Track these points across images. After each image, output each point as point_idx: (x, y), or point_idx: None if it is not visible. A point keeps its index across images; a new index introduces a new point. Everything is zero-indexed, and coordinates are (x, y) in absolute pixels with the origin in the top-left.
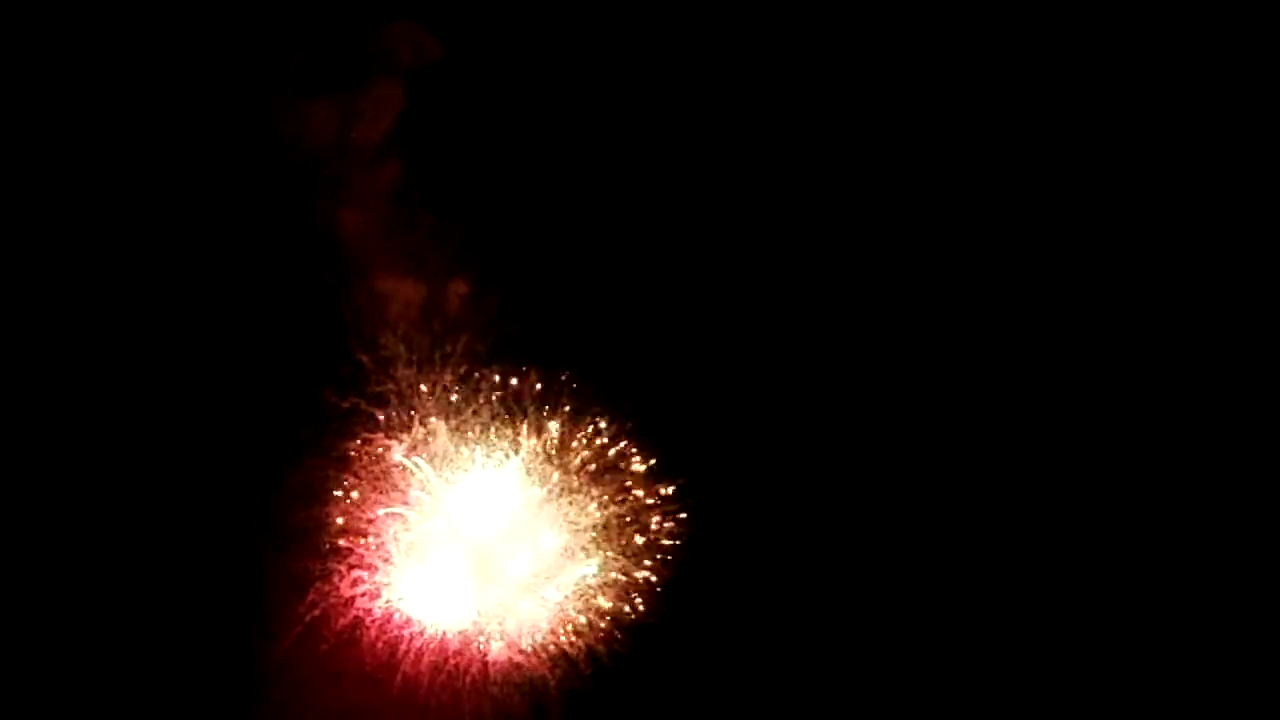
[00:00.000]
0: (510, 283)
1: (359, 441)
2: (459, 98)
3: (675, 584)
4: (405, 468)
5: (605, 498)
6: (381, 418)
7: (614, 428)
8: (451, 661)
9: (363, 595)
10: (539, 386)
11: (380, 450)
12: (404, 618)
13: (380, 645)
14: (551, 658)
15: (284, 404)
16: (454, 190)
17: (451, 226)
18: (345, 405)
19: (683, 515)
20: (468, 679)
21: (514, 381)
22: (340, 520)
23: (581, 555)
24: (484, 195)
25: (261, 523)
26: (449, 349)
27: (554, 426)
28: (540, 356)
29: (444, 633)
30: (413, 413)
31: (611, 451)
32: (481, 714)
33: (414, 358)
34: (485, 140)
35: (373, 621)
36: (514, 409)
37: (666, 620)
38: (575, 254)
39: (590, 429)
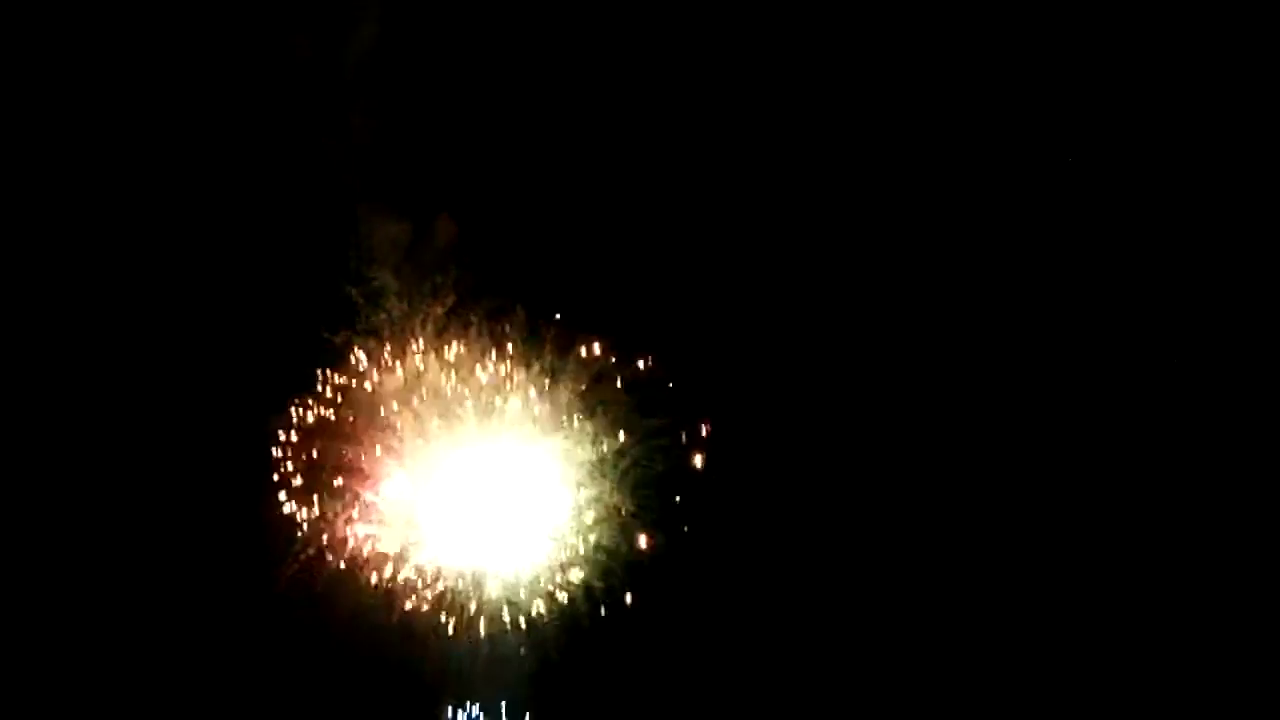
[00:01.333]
0: (499, 216)
1: (351, 377)
2: (446, 30)
3: (671, 520)
4: (398, 403)
5: (598, 431)
6: (373, 352)
7: (603, 360)
8: (448, 599)
9: (359, 535)
10: (526, 320)
11: (373, 385)
12: (400, 556)
13: (377, 584)
14: (548, 594)
15: (274, 341)
16: (441, 123)
17: (440, 159)
18: (337, 340)
19: (676, 449)
20: (465, 617)
21: (503, 315)
22: (334, 458)
23: (578, 490)
24: (472, 128)
25: (254, 462)
26: (439, 280)
27: (544, 360)
28: (529, 290)
29: (440, 570)
30: (404, 346)
31: (602, 383)
32: (478, 652)
33: (403, 290)
34: (472, 74)
35: (368, 560)
36: (503, 342)
37: (664, 556)
38: (565, 186)
39: (580, 362)
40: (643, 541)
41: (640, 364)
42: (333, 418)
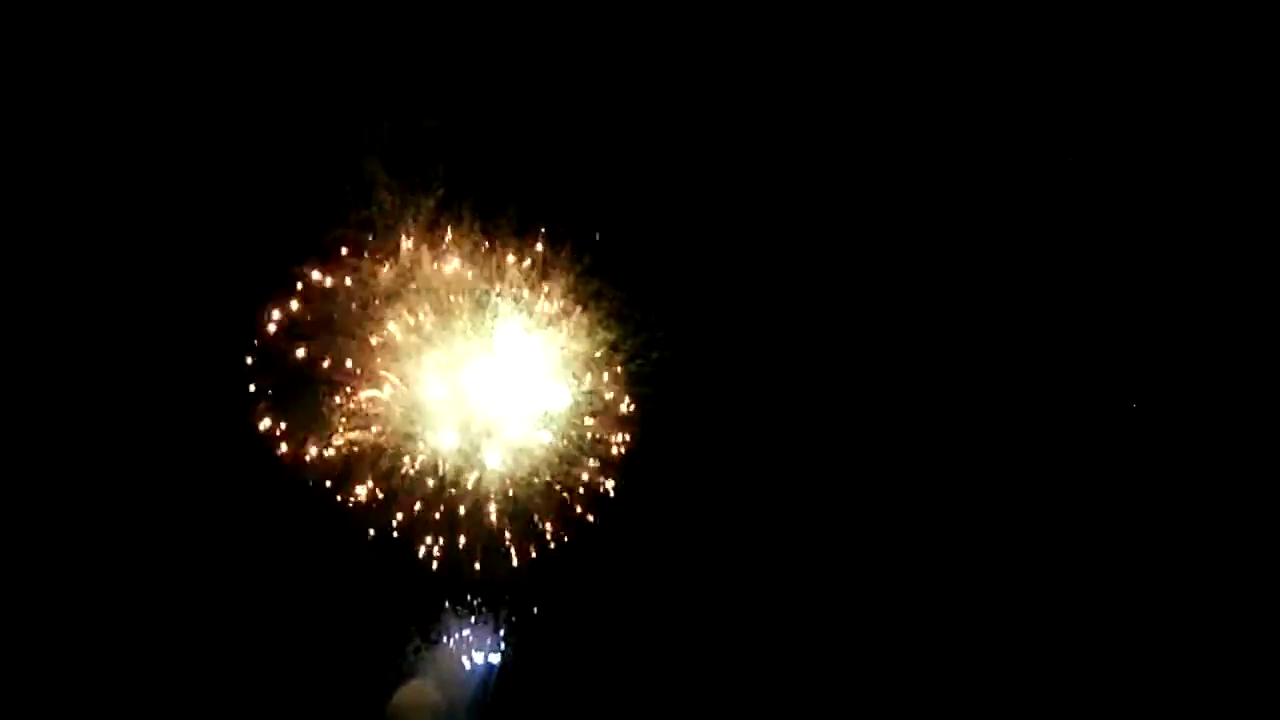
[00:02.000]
0: (489, 107)
1: (344, 270)
2: None
3: (657, 414)
4: (391, 296)
5: (594, 325)
6: (365, 245)
7: (589, 258)
8: (444, 495)
9: (354, 429)
10: (518, 212)
11: (366, 279)
12: (396, 449)
13: (374, 479)
14: (543, 488)
15: (266, 235)
16: (431, 18)
17: (431, 49)
18: (329, 234)
19: (660, 347)
20: (462, 512)
21: (495, 207)
22: (328, 353)
23: (575, 384)
24: (462, 18)
25: (243, 364)
26: (430, 173)
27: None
28: (521, 181)
29: (437, 464)
30: (396, 240)
31: (589, 282)
32: (475, 544)
33: (394, 182)
34: None
35: (365, 455)
36: (495, 235)
37: (660, 451)
38: (558, 75)
39: (573, 255)
40: (638, 436)
41: (632, 257)
42: (325, 310)
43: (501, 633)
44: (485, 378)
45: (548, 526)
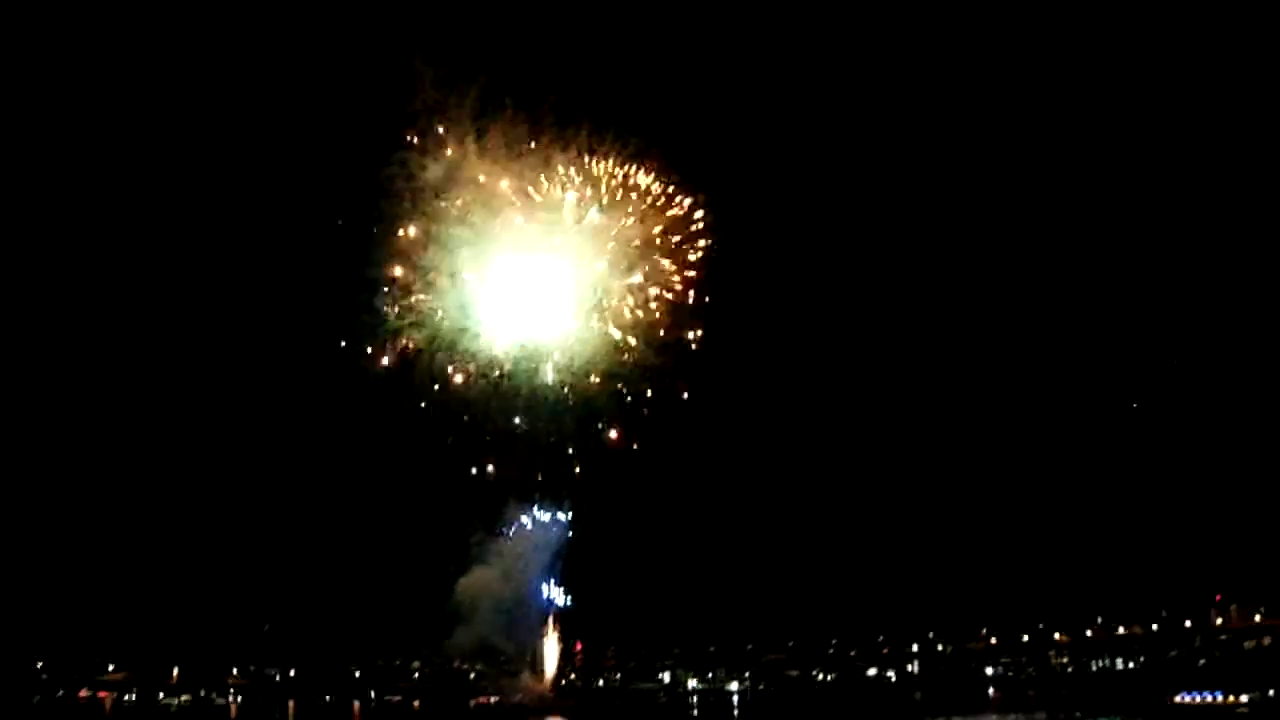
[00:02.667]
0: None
1: (393, 165)
2: None
3: (712, 298)
4: (441, 189)
5: (636, 215)
6: (412, 137)
7: (636, 145)
8: (503, 385)
9: (410, 324)
10: (561, 104)
11: (415, 172)
12: (450, 346)
13: (430, 374)
14: (601, 376)
15: (315, 137)
16: None
17: None
18: (377, 128)
19: (709, 231)
20: (519, 401)
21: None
22: (380, 247)
23: (622, 272)
24: None
25: (300, 257)
26: (473, 69)
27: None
28: (561, 81)
29: (493, 357)
30: (442, 130)
31: (636, 169)
32: (536, 435)
33: (439, 76)
34: None
35: (422, 349)
36: (538, 127)
37: (707, 335)
38: None
39: (614, 147)
40: (691, 328)
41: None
42: (379, 206)
43: (566, 524)
44: (537, 267)
45: (608, 414)
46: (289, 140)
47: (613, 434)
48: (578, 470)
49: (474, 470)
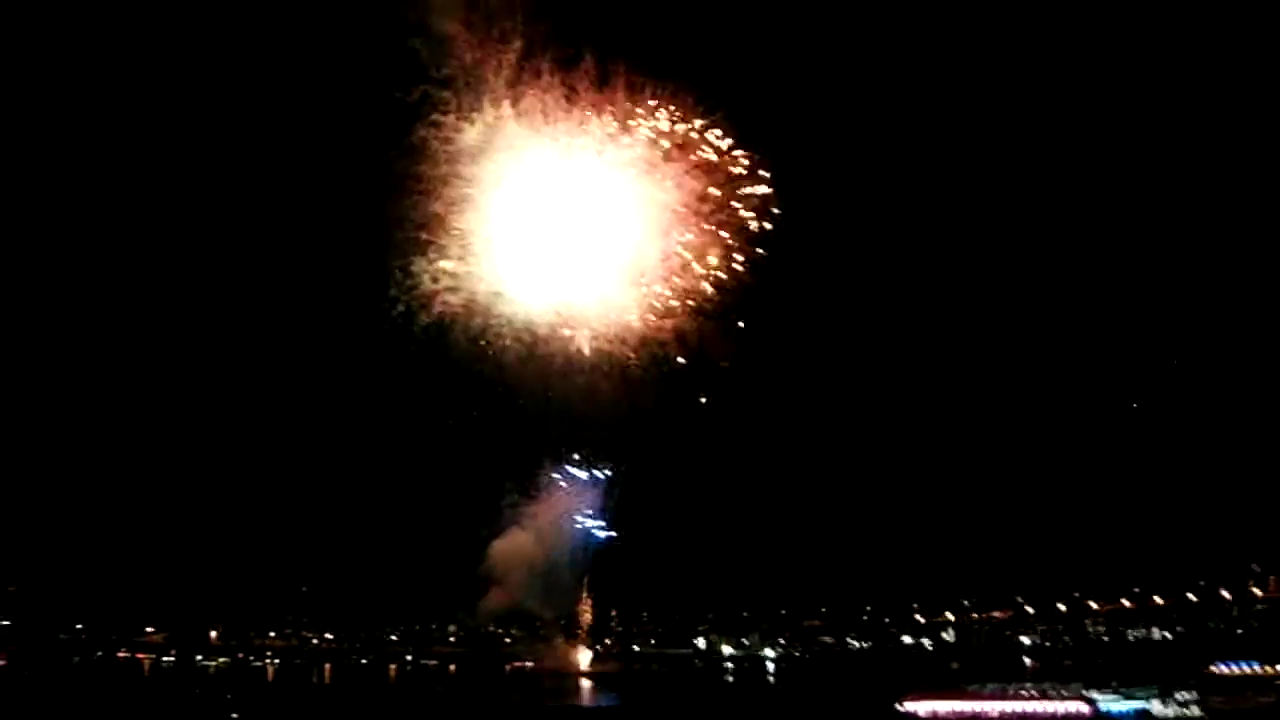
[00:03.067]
0: None
1: (430, 128)
2: None
3: (757, 261)
4: (478, 153)
5: (676, 177)
6: (449, 100)
7: (681, 105)
8: (539, 350)
9: (446, 288)
10: (596, 67)
11: (452, 135)
12: (489, 307)
13: (466, 337)
14: (638, 340)
15: (350, 100)
16: None
17: None
18: (411, 94)
19: (760, 191)
20: (555, 366)
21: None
22: (416, 211)
23: (662, 235)
24: None
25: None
26: (507, 26)
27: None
28: (596, 37)
29: (530, 321)
30: (478, 94)
31: (680, 128)
32: (570, 400)
33: (473, 39)
34: None
35: (457, 313)
36: (574, 91)
37: (749, 300)
38: None
39: (653, 107)
40: (730, 286)
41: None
42: (412, 170)
43: (603, 490)
44: (574, 232)
45: (644, 379)
46: (328, 105)
47: (646, 395)
48: (612, 435)
49: (508, 429)
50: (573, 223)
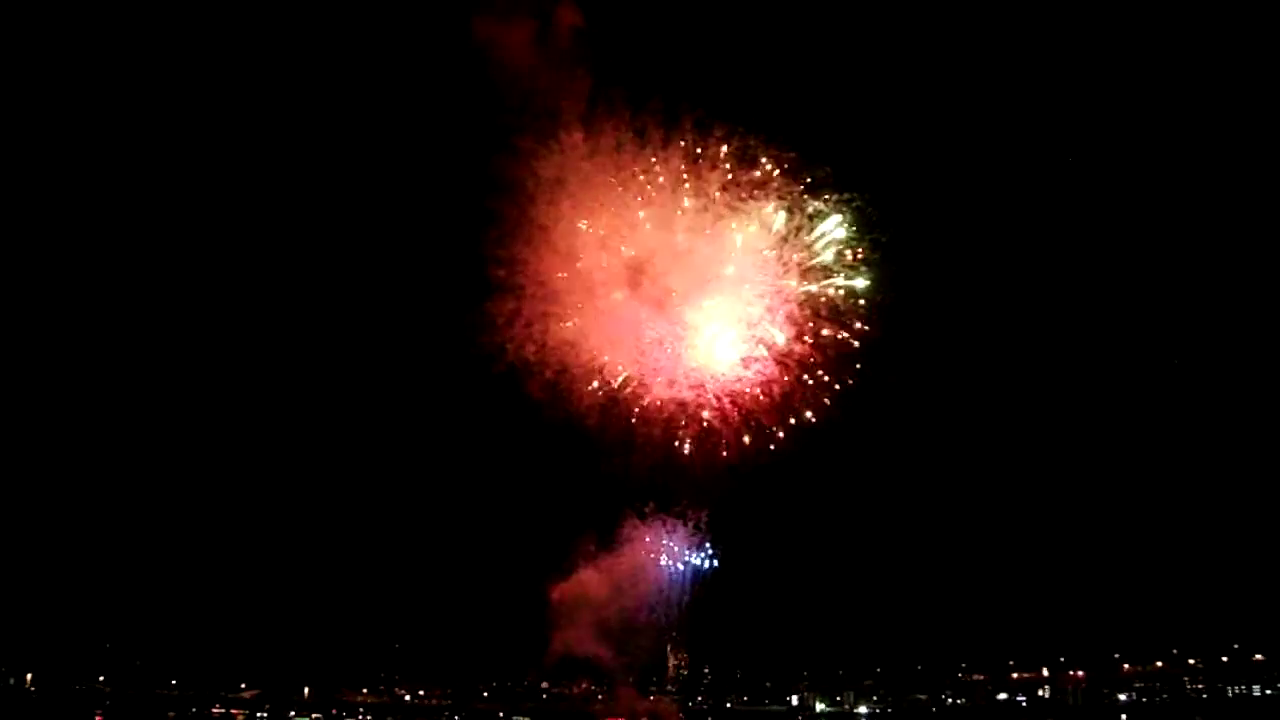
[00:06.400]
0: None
1: (508, 156)
2: None
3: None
4: (556, 186)
5: (758, 219)
6: (525, 126)
7: (751, 143)
8: (619, 398)
9: (524, 335)
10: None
11: (530, 163)
12: (567, 356)
13: (544, 386)
14: (726, 392)
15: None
16: None
17: None
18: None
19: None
20: (634, 417)
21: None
22: (498, 250)
23: (746, 281)
24: None
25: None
26: (577, 64)
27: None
28: (659, 82)
29: (611, 371)
30: (555, 122)
31: (756, 170)
32: (650, 450)
33: (547, 65)
34: None
35: (536, 361)
36: (644, 132)
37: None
38: None
39: (725, 148)
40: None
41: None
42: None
43: (682, 544)
44: (657, 274)
45: (726, 430)
46: (413, 137)
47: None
48: (698, 485)
49: (587, 477)
50: (653, 265)
